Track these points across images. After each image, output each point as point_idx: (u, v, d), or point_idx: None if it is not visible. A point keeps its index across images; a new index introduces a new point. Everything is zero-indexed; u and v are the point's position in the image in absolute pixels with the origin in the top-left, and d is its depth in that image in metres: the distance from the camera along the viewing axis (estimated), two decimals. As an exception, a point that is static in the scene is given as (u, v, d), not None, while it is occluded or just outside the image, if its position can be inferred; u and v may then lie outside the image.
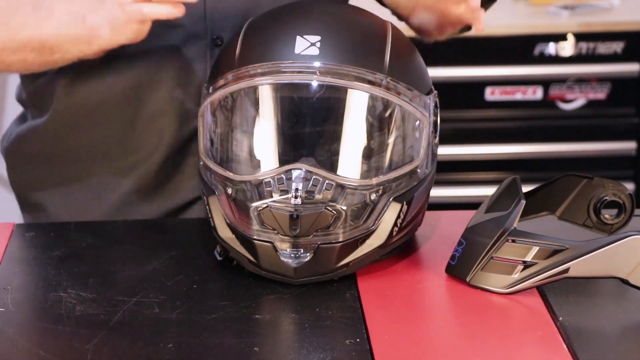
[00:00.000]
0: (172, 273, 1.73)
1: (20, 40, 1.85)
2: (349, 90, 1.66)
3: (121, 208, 1.91)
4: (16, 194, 2.13)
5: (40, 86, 2.03)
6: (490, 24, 1.99)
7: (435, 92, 1.75)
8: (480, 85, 3.45)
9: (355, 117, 1.68)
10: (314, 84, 1.66)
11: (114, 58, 1.90)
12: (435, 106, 1.73)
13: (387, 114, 1.70)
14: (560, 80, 3.47)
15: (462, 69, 3.39)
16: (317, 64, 1.65)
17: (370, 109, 1.69)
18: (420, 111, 1.69)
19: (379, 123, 1.69)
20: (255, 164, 1.68)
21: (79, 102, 1.99)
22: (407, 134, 1.70)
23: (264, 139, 1.68)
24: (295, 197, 1.60)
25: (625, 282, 1.60)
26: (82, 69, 1.92)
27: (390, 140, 1.70)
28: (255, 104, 1.69)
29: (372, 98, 1.68)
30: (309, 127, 1.68)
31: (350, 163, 1.67)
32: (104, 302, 1.64)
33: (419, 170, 1.70)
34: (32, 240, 1.87)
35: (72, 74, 1.95)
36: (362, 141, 1.68)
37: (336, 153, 1.68)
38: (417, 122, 1.69)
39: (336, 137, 1.68)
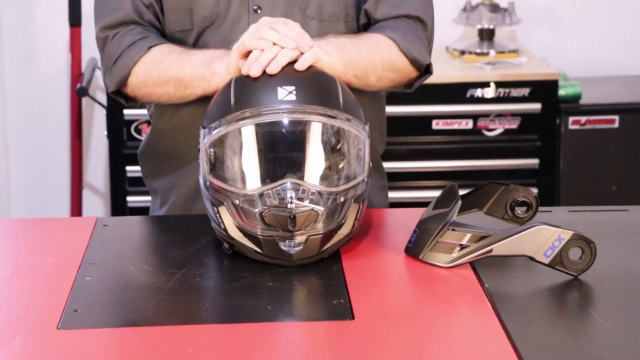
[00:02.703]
0: (208, 253, 1.85)
1: (167, 78, 2.00)
2: (320, 123, 1.79)
3: (198, 190, 1.88)
4: (145, 183, 2.25)
5: (156, 109, 2.15)
6: (437, 74, 2.17)
7: (368, 123, 1.86)
8: (428, 118, 3.63)
9: (326, 142, 1.80)
10: (295, 120, 1.78)
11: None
12: (367, 135, 1.83)
13: (345, 139, 1.82)
14: (485, 115, 3.65)
15: (416, 107, 3.58)
16: (295, 106, 1.78)
17: (335, 136, 1.81)
18: (364, 136, 1.83)
19: (341, 146, 1.81)
20: (256, 181, 1.78)
21: (174, 119, 2.11)
22: (358, 153, 1.82)
23: (263, 163, 1.78)
24: (291, 203, 1.73)
25: (532, 258, 1.75)
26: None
27: (348, 158, 1.81)
28: (255, 136, 1.78)
29: (335, 128, 1.80)
30: (294, 151, 1.78)
31: (324, 176, 1.79)
32: (160, 274, 1.78)
33: (366, 179, 1.82)
34: (108, 229, 1.99)
35: (171, 106, 2.08)
36: (331, 159, 1.80)
37: (315, 169, 1.79)
38: (364, 144, 1.82)
39: (313, 157, 1.79)
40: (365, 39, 2.05)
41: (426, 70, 2.09)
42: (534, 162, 3.71)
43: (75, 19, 3.84)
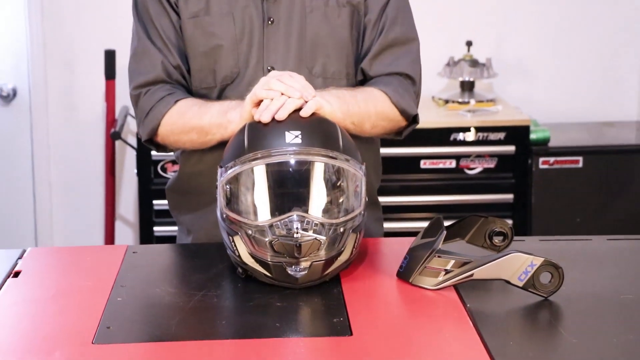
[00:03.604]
0: (224, 277, 1.86)
1: (190, 126, 2.02)
2: (323, 163, 1.79)
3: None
4: (172, 214, 2.25)
5: (183, 154, 2.16)
6: (424, 120, 2.18)
7: (364, 163, 1.85)
8: (417, 158, 3.64)
9: (327, 180, 1.80)
10: (301, 160, 1.78)
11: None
12: (364, 174, 1.83)
13: (344, 177, 1.81)
14: (466, 155, 3.64)
15: (407, 149, 3.57)
16: (301, 148, 1.78)
17: (335, 174, 1.81)
18: (361, 174, 1.83)
19: (340, 183, 1.81)
20: (266, 214, 1.77)
21: (199, 164, 2.12)
22: (356, 189, 1.82)
23: (272, 198, 1.78)
24: (297, 233, 1.73)
25: (508, 282, 1.75)
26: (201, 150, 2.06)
27: (347, 193, 1.81)
28: (266, 175, 1.78)
29: (336, 168, 1.80)
30: (299, 188, 1.78)
31: (326, 209, 1.79)
32: (182, 295, 1.78)
33: (363, 212, 1.82)
34: (137, 256, 1.99)
35: (196, 151, 2.09)
36: (332, 194, 1.80)
37: (318, 203, 1.78)
38: (361, 181, 1.82)
39: (316, 193, 1.79)
40: (362, 91, 2.06)
41: (413, 120, 2.10)
42: (509, 197, 3.70)
43: (110, 73, 3.87)
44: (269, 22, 2.08)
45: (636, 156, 3.71)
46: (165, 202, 2.30)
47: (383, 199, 2.36)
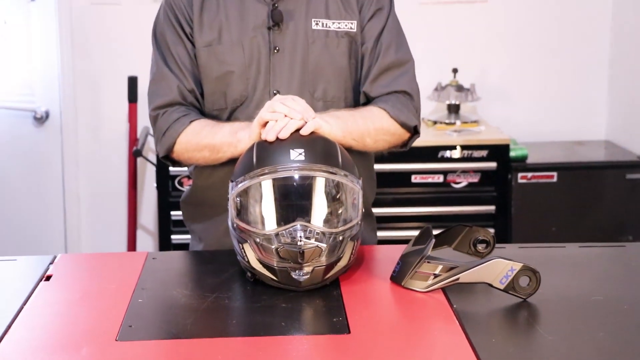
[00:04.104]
0: (234, 281, 1.85)
1: (203, 145, 2.01)
2: (324, 178, 1.79)
3: (228, 231, 1.86)
4: (186, 225, 2.23)
5: (196, 169, 2.15)
6: (417, 139, 2.14)
7: (361, 177, 1.85)
8: (409, 174, 3.63)
9: (328, 193, 1.80)
10: (304, 175, 1.78)
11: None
12: (360, 188, 1.82)
13: (343, 190, 1.81)
14: (453, 171, 3.64)
15: (399, 165, 3.59)
16: (304, 164, 1.79)
17: (335, 188, 1.80)
18: (358, 188, 1.83)
19: (339, 196, 1.80)
20: (273, 223, 1.77)
21: (210, 178, 2.10)
22: (353, 201, 1.81)
23: (278, 209, 1.78)
24: (300, 241, 1.73)
25: (490, 285, 1.74)
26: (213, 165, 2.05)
27: (346, 205, 1.81)
28: (272, 188, 1.78)
29: (335, 182, 1.80)
30: (303, 200, 1.78)
31: (326, 219, 1.78)
32: (197, 297, 1.77)
33: (360, 222, 1.81)
34: (156, 262, 1.99)
35: (208, 167, 2.08)
36: (332, 206, 1.79)
37: (319, 214, 1.78)
38: (358, 194, 1.82)
39: (318, 205, 1.78)
40: (361, 110, 2.06)
41: (414, 131, 2.10)
42: (491, 208, 3.69)
43: (132, 97, 3.88)
44: (275, 51, 2.08)
45: (604, 172, 3.71)
46: (181, 213, 2.29)
47: (377, 210, 2.36)
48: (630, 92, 3.91)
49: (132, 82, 3.86)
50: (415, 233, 1.90)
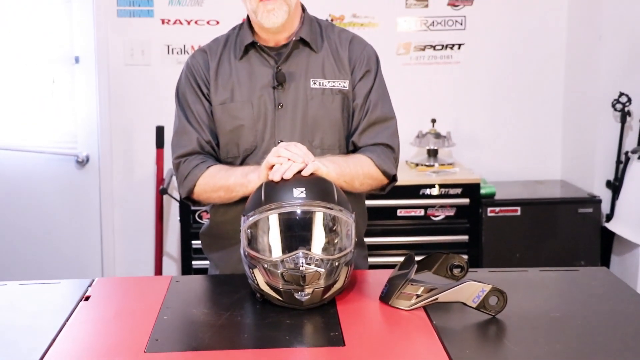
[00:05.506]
0: (246, 300, 1.82)
1: (219, 186, 2.00)
2: (322, 213, 1.77)
3: (240, 258, 1.84)
4: (204, 253, 2.19)
5: (213, 207, 2.12)
6: (400, 179, 2.15)
7: (354, 212, 1.82)
8: (395, 208, 3.62)
9: (326, 225, 1.77)
10: (305, 210, 1.76)
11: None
12: (353, 220, 1.81)
13: (339, 223, 1.79)
14: (432, 206, 3.63)
15: (387, 201, 3.55)
16: (305, 201, 1.77)
17: (332, 221, 1.78)
18: (352, 221, 1.80)
19: (336, 227, 1.78)
20: (278, 251, 1.75)
21: (225, 215, 2.08)
22: (347, 232, 1.79)
23: (283, 239, 1.75)
24: (302, 266, 1.72)
25: (464, 304, 1.73)
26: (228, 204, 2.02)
27: (341, 236, 1.79)
28: (278, 221, 1.75)
29: (332, 216, 1.78)
30: (304, 231, 1.75)
31: (325, 248, 1.76)
32: (214, 314, 1.75)
33: (353, 250, 1.79)
34: (179, 284, 1.96)
35: (223, 205, 2.05)
36: (329, 236, 1.77)
37: (318, 243, 1.76)
38: (351, 226, 1.80)
39: (317, 235, 1.76)
40: (352, 157, 2.07)
41: (393, 178, 2.10)
42: (465, 238, 3.67)
43: (159, 143, 3.88)
44: (279, 107, 2.08)
45: (560, 206, 3.69)
46: (200, 242, 2.26)
47: (368, 240, 2.33)
48: (580, 140, 3.92)
49: (160, 131, 3.87)
50: (401, 259, 1.89)
